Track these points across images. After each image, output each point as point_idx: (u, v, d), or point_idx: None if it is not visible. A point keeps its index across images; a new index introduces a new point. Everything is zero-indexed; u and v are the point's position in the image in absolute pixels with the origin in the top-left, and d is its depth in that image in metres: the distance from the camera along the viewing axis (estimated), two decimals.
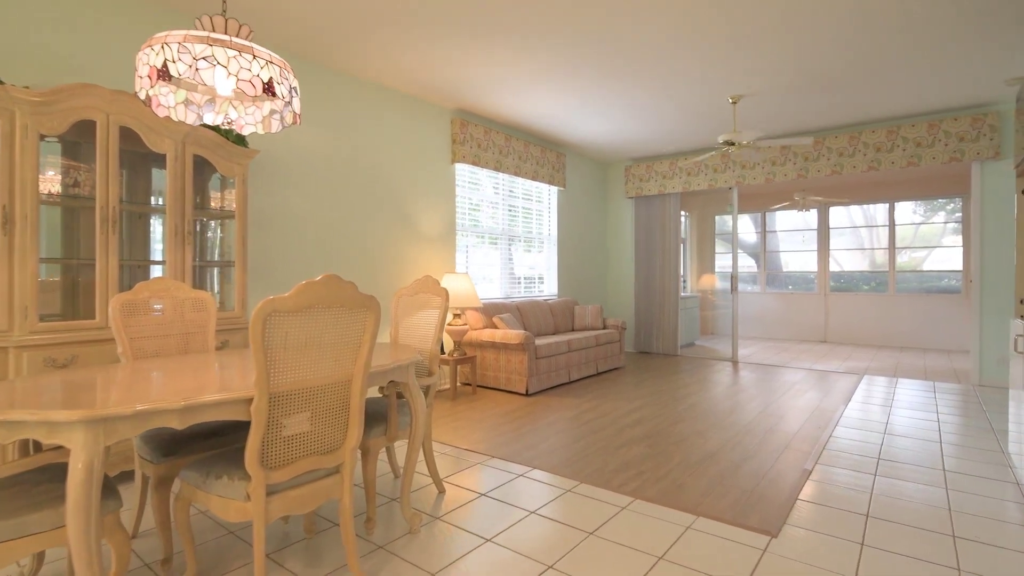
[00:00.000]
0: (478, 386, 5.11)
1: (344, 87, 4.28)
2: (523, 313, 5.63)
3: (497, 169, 5.60)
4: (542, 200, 6.54)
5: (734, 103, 4.81)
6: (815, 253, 9.39)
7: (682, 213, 9.57)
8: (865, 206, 8.91)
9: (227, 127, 2.04)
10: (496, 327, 5.13)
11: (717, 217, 10.36)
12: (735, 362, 6.61)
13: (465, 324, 4.80)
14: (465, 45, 3.79)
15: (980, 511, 2.42)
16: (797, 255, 9.67)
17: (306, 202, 4.04)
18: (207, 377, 1.80)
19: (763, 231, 9.98)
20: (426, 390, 2.64)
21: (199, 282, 3.37)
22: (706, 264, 10.35)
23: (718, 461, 3.08)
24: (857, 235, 9.11)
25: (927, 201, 8.43)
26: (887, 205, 8.68)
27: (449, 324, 4.77)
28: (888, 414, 4.08)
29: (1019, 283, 2.95)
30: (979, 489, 2.66)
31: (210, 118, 2.06)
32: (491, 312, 5.26)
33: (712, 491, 2.66)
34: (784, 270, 9.81)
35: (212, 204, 3.48)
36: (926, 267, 8.46)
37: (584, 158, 7.17)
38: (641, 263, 7.27)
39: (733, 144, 4.74)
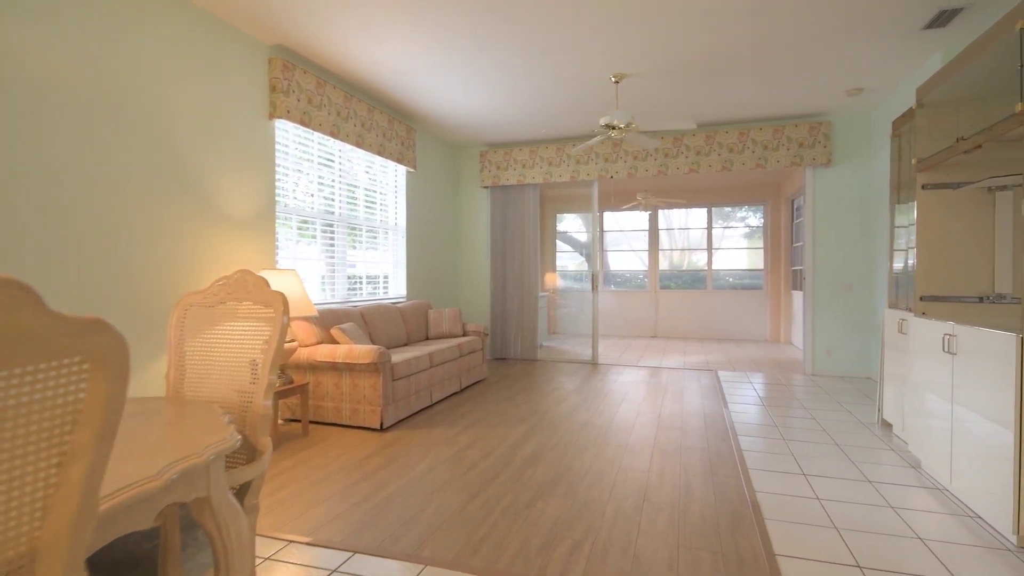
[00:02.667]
0: (312, 423, 3.80)
1: None
2: (368, 321, 4.44)
3: (334, 135, 4.31)
4: (388, 182, 5.38)
5: (616, 82, 4.35)
6: (645, 253, 9.86)
7: None
8: (685, 210, 9.62)
9: None
10: (337, 342, 3.88)
11: (557, 215, 10.28)
12: (595, 364, 6.32)
13: (292, 340, 3.48)
14: None
15: (946, 537, 2.15)
16: (621, 254, 10.06)
17: (12, 147, 2.34)
18: None
19: (600, 230, 10.18)
20: (243, 491, 1.41)
21: None
22: (548, 263, 10.21)
23: (656, 506, 2.44)
24: (677, 235, 9.80)
25: (737, 207, 9.39)
26: (706, 209, 9.47)
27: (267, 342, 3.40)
28: (769, 415, 3.98)
29: (919, 281, 2.90)
30: (911, 502, 2.45)
31: None
32: (328, 322, 3.99)
33: (678, 559, 1.98)
34: (611, 268, 10.14)
35: None
36: (735, 266, 9.44)
37: (436, 138, 6.19)
38: (498, 260, 6.58)
39: (615, 128, 4.27)
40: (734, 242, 9.49)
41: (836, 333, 5.38)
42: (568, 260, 10.44)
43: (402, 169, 5.53)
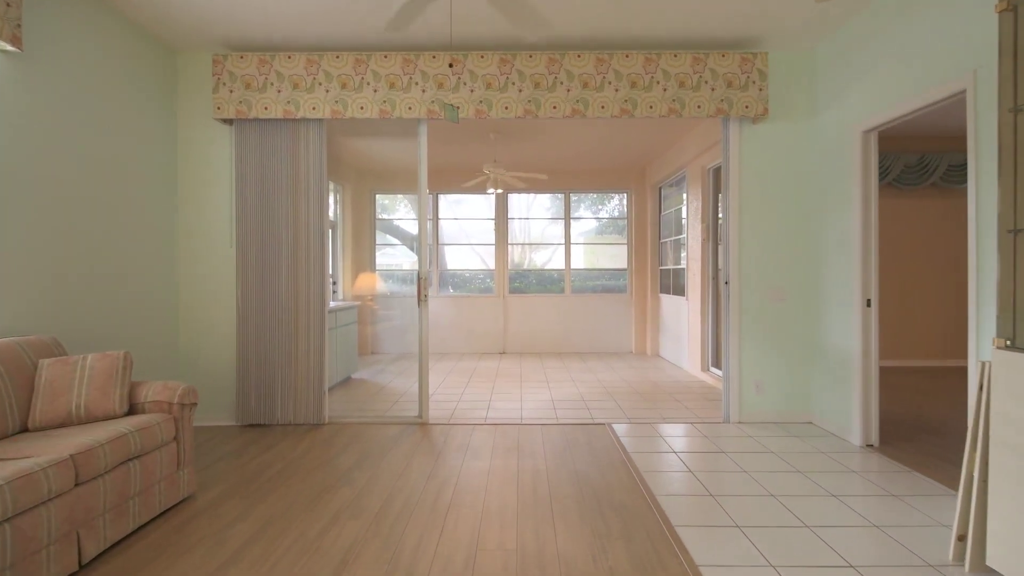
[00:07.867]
0: None
1: None
2: None
3: None
4: None
5: None
6: (489, 248, 7.78)
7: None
8: (527, 196, 7.79)
9: None
10: None
11: (377, 196, 7.67)
12: (424, 424, 3.93)
13: None
14: None
15: None
16: (460, 250, 7.90)
17: None
18: None
19: (436, 217, 7.81)
20: None
21: None
22: (364, 260, 7.53)
23: None
24: (517, 227, 7.93)
25: (591, 192, 7.82)
26: (563, 196, 7.73)
27: None
28: (742, 536, 2.02)
29: None
30: None
31: None
32: None
33: None
34: (448, 267, 7.91)
35: None
36: (594, 265, 7.87)
37: (112, 12, 3.15)
38: (251, 252, 3.77)
39: None
40: (590, 237, 7.92)
41: (764, 360, 3.80)
42: (403, 257, 7.90)
43: None
